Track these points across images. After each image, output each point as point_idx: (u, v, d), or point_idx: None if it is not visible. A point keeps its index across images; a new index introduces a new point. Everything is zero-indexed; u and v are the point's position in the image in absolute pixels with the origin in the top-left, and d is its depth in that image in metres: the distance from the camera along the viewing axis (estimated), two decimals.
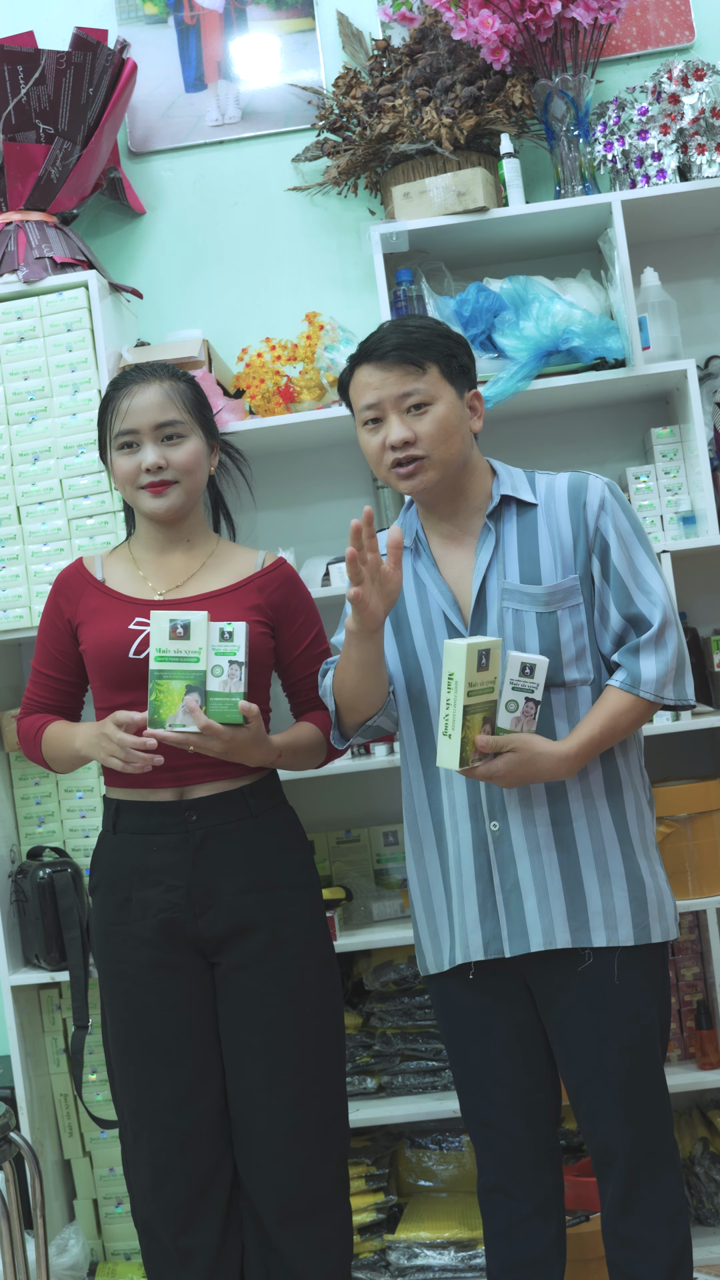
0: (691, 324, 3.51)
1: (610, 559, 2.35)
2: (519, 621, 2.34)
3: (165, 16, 3.66)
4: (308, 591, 2.71)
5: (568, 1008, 2.36)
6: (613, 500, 2.38)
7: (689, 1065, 3.26)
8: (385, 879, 3.49)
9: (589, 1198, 2.98)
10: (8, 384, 3.22)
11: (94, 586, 2.63)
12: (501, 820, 2.35)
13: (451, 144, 3.27)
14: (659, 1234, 2.34)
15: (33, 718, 2.68)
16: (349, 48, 3.56)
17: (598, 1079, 2.34)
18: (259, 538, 3.54)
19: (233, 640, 2.37)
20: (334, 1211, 2.57)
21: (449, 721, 2.19)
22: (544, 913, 2.32)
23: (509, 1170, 2.43)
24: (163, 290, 3.63)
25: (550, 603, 2.34)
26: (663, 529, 3.26)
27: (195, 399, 2.63)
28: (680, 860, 3.14)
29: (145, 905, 2.52)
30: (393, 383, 2.34)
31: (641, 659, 2.32)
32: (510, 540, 2.39)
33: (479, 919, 2.36)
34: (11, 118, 3.30)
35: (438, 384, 2.35)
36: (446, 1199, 3.26)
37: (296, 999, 2.52)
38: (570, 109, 3.31)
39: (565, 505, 2.38)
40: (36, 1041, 3.29)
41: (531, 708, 2.25)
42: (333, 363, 3.28)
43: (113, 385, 2.63)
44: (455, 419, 2.36)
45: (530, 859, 2.33)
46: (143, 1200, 2.57)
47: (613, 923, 2.33)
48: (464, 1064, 2.46)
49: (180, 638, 2.36)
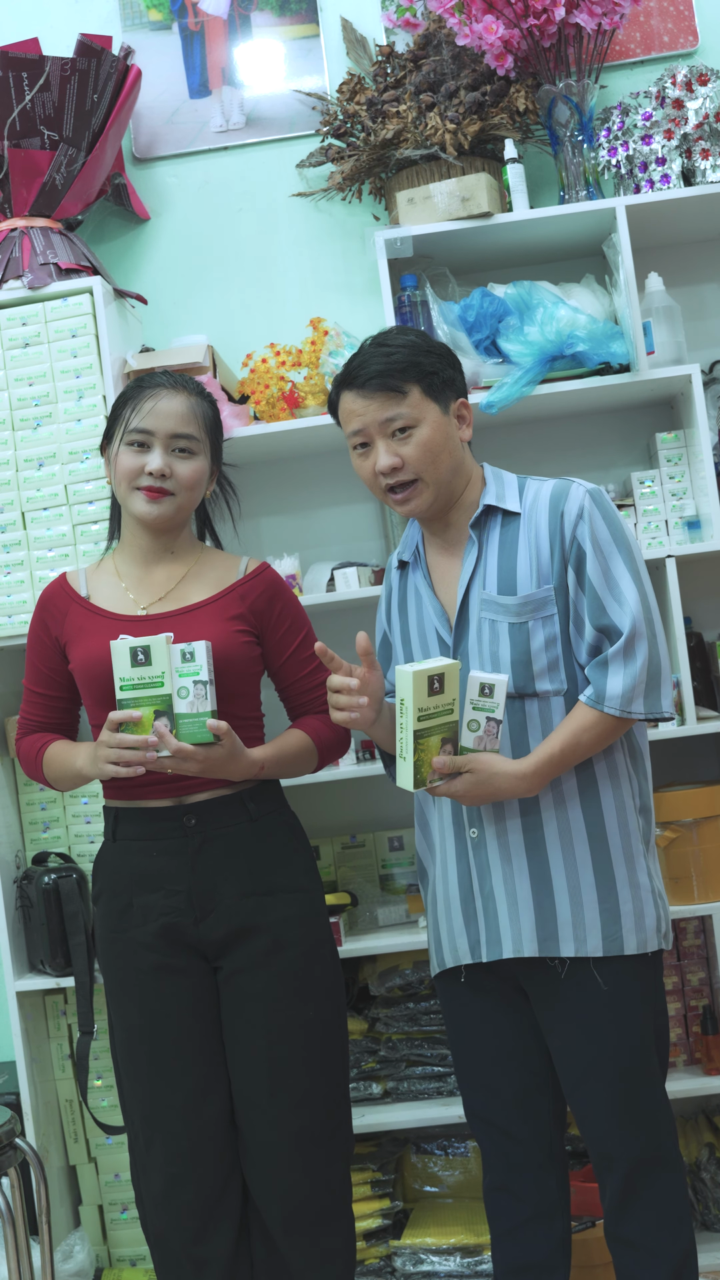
0: (696, 329, 3.51)
1: (585, 569, 2.33)
2: (494, 632, 2.36)
3: (169, 23, 3.67)
4: (293, 595, 2.70)
5: (556, 1014, 2.37)
6: (592, 508, 2.35)
7: (694, 1071, 3.25)
8: (390, 884, 3.48)
9: (595, 1203, 2.98)
10: (12, 390, 3.22)
11: (78, 604, 2.63)
12: (479, 827, 2.37)
13: (456, 149, 3.27)
14: (661, 1238, 2.34)
15: (32, 738, 2.68)
16: (353, 54, 3.56)
17: (588, 1084, 2.35)
18: (264, 543, 3.54)
19: (194, 660, 2.37)
20: (338, 1220, 2.56)
21: (402, 744, 2.23)
22: (514, 921, 2.34)
23: (513, 1170, 2.44)
24: (167, 296, 3.64)
25: (522, 613, 2.34)
26: (667, 534, 3.25)
27: (213, 421, 2.64)
28: (685, 865, 3.13)
29: (146, 911, 2.53)
30: (375, 409, 2.36)
31: (609, 673, 2.28)
32: (492, 550, 2.40)
33: (463, 924, 2.40)
34: (16, 124, 3.31)
35: (420, 404, 2.36)
36: (452, 1205, 3.26)
37: (298, 1002, 2.52)
38: (574, 114, 3.31)
39: (545, 514, 2.37)
40: (42, 1047, 3.29)
41: (493, 726, 2.28)
42: (337, 368, 3.28)
43: (138, 383, 2.62)
44: (440, 437, 2.38)
45: (503, 867, 2.35)
46: (155, 1209, 2.55)
47: (581, 934, 2.33)
48: (466, 1063, 2.48)
49: (142, 664, 2.37)
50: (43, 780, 2.68)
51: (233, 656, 2.53)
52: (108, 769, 2.42)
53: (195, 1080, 2.51)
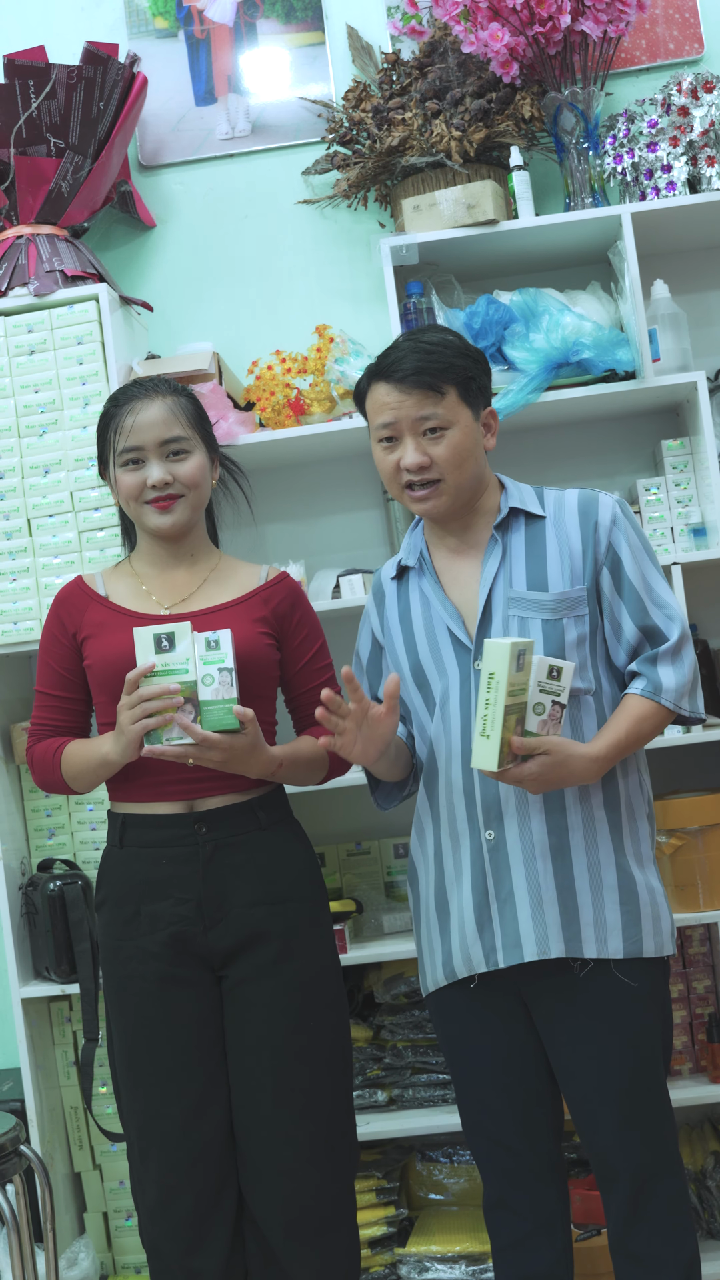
0: (701, 336, 3.51)
1: (624, 572, 2.36)
2: (524, 628, 2.34)
3: (175, 30, 3.67)
4: (310, 606, 2.69)
5: (564, 1023, 2.35)
6: (623, 517, 2.40)
7: (700, 1078, 3.24)
8: (395, 891, 3.48)
9: (598, 1211, 2.97)
10: (18, 397, 3.23)
11: (97, 601, 2.60)
12: (497, 829, 2.34)
13: (461, 157, 3.28)
14: (666, 1249, 2.33)
15: (46, 743, 2.60)
16: (359, 61, 3.57)
17: (596, 1094, 2.33)
18: (269, 550, 3.54)
19: (219, 648, 2.35)
20: (340, 1231, 2.54)
21: (488, 722, 2.16)
22: (538, 921, 2.31)
23: (512, 1185, 2.42)
24: (173, 303, 3.64)
25: (557, 610, 2.34)
26: (673, 541, 3.25)
27: (196, 414, 2.62)
28: (690, 873, 3.13)
29: (154, 919, 2.50)
30: (410, 405, 2.34)
31: (660, 668, 2.34)
32: (517, 550, 2.40)
33: (477, 931, 2.35)
34: (22, 132, 3.32)
35: (455, 408, 2.35)
36: (457, 1212, 3.25)
37: (304, 1012, 2.51)
38: (580, 121, 3.31)
39: (575, 519, 2.39)
40: (47, 1054, 3.29)
41: (558, 711, 2.23)
42: (343, 375, 3.29)
43: (113, 401, 2.60)
44: (470, 442, 2.37)
45: (525, 867, 2.32)
46: (150, 1220, 2.53)
47: (603, 935, 2.31)
48: (464, 1078, 2.45)
49: (166, 650, 2.35)
50: (59, 784, 2.60)
51: (256, 657, 2.52)
52: (134, 730, 2.35)
53: (194, 1092, 2.49)
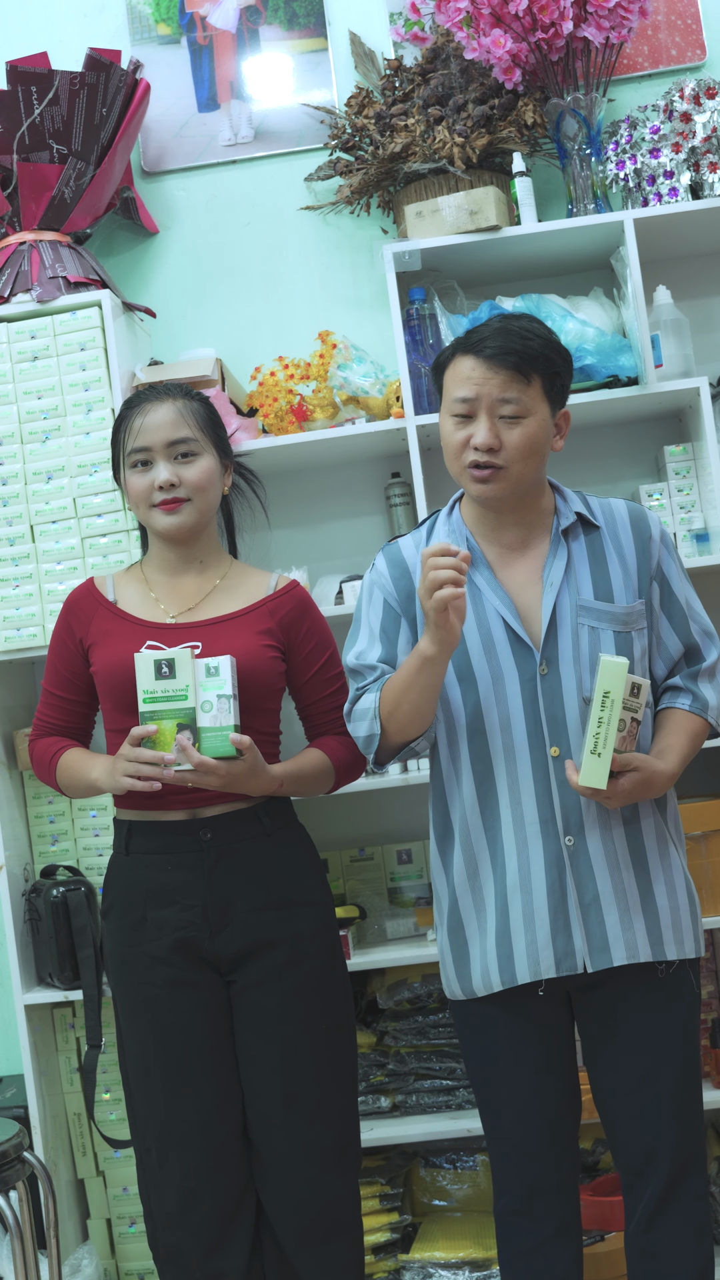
0: (704, 342, 3.51)
1: (672, 588, 2.43)
2: (594, 639, 2.34)
3: (178, 37, 3.68)
4: (321, 615, 2.70)
5: (626, 1021, 2.36)
6: (666, 533, 2.47)
7: (705, 1084, 3.23)
8: (399, 897, 3.48)
9: (605, 1217, 2.97)
10: (21, 403, 3.23)
11: (105, 608, 2.62)
12: (578, 835, 2.33)
13: (464, 163, 3.28)
14: (685, 1248, 2.34)
15: (47, 741, 2.66)
16: (361, 67, 3.57)
17: (651, 1088, 2.34)
18: (272, 557, 3.54)
19: (219, 675, 2.39)
20: (350, 1233, 2.56)
21: (600, 740, 2.20)
22: (626, 926, 2.32)
23: (533, 1193, 2.41)
24: (176, 309, 3.64)
25: (626, 623, 2.37)
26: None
27: (208, 418, 2.63)
28: (696, 878, 3.12)
29: (160, 925, 2.52)
30: (496, 385, 2.30)
31: (701, 686, 2.42)
32: (580, 557, 2.40)
33: (550, 936, 2.32)
34: (25, 138, 3.32)
35: (537, 400, 2.32)
36: (461, 1218, 3.25)
37: (313, 1016, 2.52)
38: (582, 128, 3.31)
39: (629, 533, 2.42)
40: (50, 1061, 3.28)
41: (635, 728, 2.26)
42: (345, 381, 3.29)
43: (126, 404, 2.64)
44: (543, 437, 2.34)
45: (610, 874, 2.33)
46: (168, 1225, 2.53)
47: (680, 936, 2.36)
48: (493, 1088, 2.43)
49: (166, 677, 2.38)
50: (53, 784, 2.66)
51: (259, 671, 2.53)
52: (124, 782, 2.42)
53: (210, 1095, 2.51)
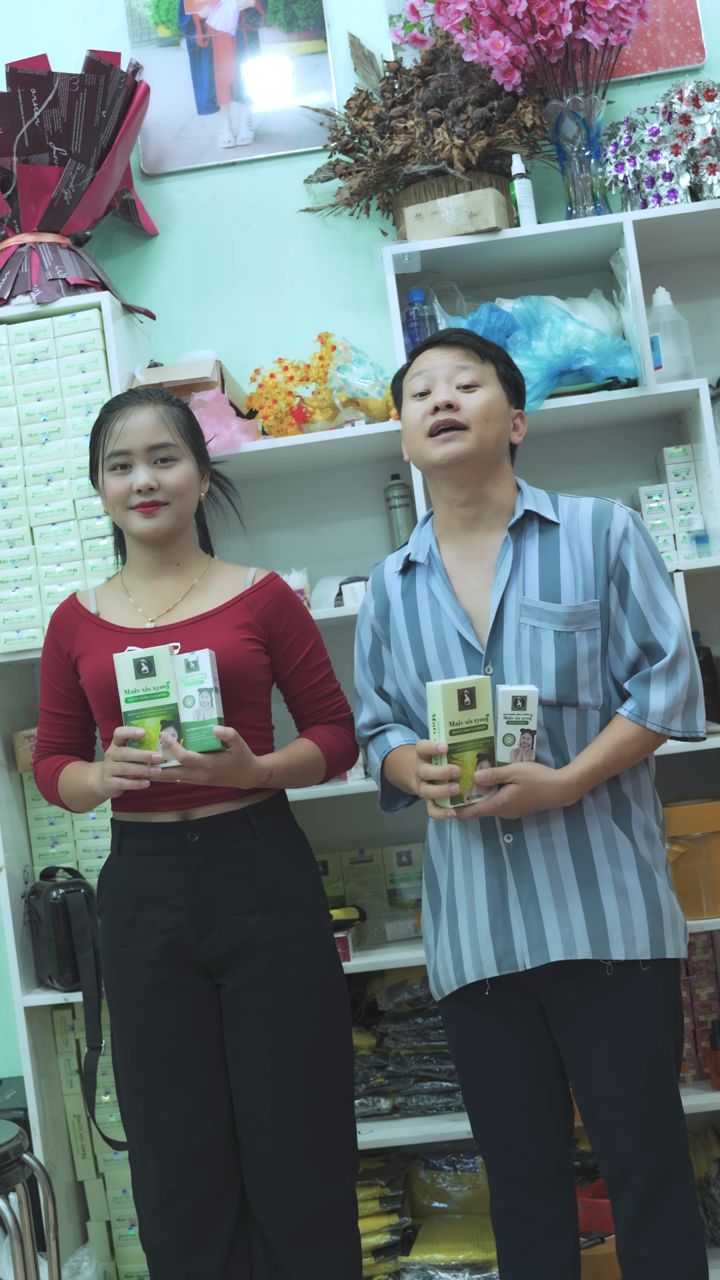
0: (703, 343, 3.51)
1: (630, 587, 2.36)
2: (536, 638, 2.34)
3: (178, 39, 3.68)
4: (302, 605, 2.69)
5: (582, 1025, 2.35)
6: (635, 530, 2.40)
7: (703, 1086, 3.24)
8: (399, 899, 3.48)
9: (604, 1219, 2.97)
10: (21, 405, 3.23)
11: (88, 620, 2.64)
12: (516, 834, 2.35)
13: (463, 165, 3.28)
14: (675, 1254, 2.33)
15: (48, 761, 2.67)
16: (361, 69, 3.57)
17: (612, 1097, 2.33)
18: (272, 558, 3.54)
19: (199, 669, 2.39)
20: (343, 1236, 2.55)
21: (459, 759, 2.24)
22: (564, 923, 2.32)
23: (523, 1191, 2.42)
24: (176, 311, 3.65)
25: (570, 623, 2.34)
26: (675, 548, 3.25)
27: (188, 424, 2.65)
28: (694, 880, 3.13)
29: (149, 926, 2.52)
30: (452, 359, 2.43)
31: (651, 689, 2.34)
32: (531, 557, 2.39)
33: (490, 935, 2.36)
34: (25, 140, 3.32)
35: (492, 378, 2.44)
36: (461, 1220, 3.25)
37: (301, 1020, 2.51)
38: (581, 130, 3.31)
39: (588, 530, 2.39)
40: (50, 1063, 3.28)
41: (528, 738, 2.27)
42: (345, 383, 3.29)
43: (106, 408, 2.64)
44: (500, 410, 2.43)
45: (548, 871, 2.33)
46: (150, 1222, 2.56)
47: (630, 935, 2.32)
48: (475, 1084, 2.46)
49: (146, 675, 2.38)
50: (59, 804, 2.68)
51: (239, 665, 2.53)
52: (114, 783, 2.42)
53: (193, 1097, 2.51)
